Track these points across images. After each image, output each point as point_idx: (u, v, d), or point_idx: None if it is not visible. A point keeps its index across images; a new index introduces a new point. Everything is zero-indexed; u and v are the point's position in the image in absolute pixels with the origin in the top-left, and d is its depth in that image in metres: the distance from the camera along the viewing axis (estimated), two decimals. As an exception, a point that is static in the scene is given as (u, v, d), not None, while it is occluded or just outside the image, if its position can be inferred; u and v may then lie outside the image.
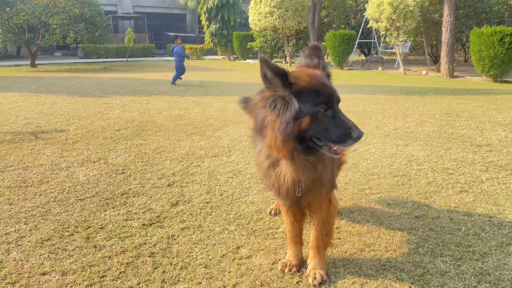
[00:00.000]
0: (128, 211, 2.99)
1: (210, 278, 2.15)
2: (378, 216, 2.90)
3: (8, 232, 2.64)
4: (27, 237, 2.58)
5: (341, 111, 1.77)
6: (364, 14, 17.28)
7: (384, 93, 9.67)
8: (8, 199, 3.21)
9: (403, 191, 3.39)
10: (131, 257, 2.35)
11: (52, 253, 2.39)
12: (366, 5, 16.50)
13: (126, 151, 4.58)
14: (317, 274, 2.10)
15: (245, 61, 24.50)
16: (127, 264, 2.28)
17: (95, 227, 2.73)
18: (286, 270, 2.19)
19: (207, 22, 25.82)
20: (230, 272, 2.20)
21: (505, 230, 2.67)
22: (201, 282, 2.11)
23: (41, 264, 2.27)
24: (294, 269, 2.20)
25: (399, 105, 7.79)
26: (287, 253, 2.31)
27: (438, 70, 14.65)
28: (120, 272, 2.20)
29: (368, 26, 16.62)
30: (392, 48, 18.80)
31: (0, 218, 2.85)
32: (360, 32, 19.19)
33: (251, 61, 24.07)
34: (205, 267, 2.26)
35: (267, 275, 2.17)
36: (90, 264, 2.28)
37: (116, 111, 7.09)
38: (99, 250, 2.42)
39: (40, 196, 3.28)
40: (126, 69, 17.66)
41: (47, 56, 28.29)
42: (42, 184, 3.55)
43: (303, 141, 1.74)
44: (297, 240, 2.28)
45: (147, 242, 2.53)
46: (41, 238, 2.56)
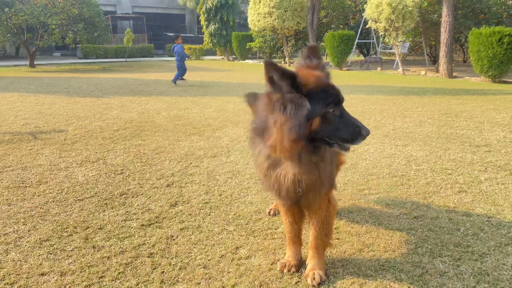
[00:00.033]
0: (127, 212, 2.99)
1: (209, 279, 2.15)
2: (377, 217, 2.90)
3: (6, 233, 2.64)
4: (26, 237, 2.58)
5: (346, 110, 1.80)
6: (363, 14, 17.31)
7: (383, 93, 9.68)
8: (7, 199, 3.20)
9: (402, 191, 3.39)
10: (130, 257, 2.35)
11: (51, 254, 2.38)
12: (365, 6, 16.53)
13: (125, 152, 4.58)
14: (316, 274, 2.10)
15: (244, 62, 24.49)
16: (126, 264, 2.28)
17: (94, 227, 2.73)
18: (285, 271, 2.19)
19: (206, 23, 25.80)
20: (229, 272, 2.20)
21: (504, 230, 2.67)
22: (200, 283, 2.11)
23: (39, 264, 2.27)
24: (293, 269, 2.20)
25: (398, 105, 7.80)
26: (286, 254, 2.31)
27: (437, 71, 14.67)
28: (119, 273, 2.20)
29: (367, 26, 16.66)
30: (391, 49, 18.83)
31: (-2, 219, 2.85)
32: (359, 32, 19.21)
33: (250, 62, 24.07)
34: (204, 267, 2.26)
35: (266, 275, 2.17)
36: (89, 264, 2.28)
37: (115, 112, 7.08)
38: (98, 251, 2.42)
39: (38, 196, 3.27)
40: (125, 70, 17.65)
41: (46, 57, 28.23)
42: (40, 184, 3.54)
43: (312, 142, 1.76)
44: (296, 240, 2.28)
45: (146, 242, 2.53)
46: (39, 239, 2.56)
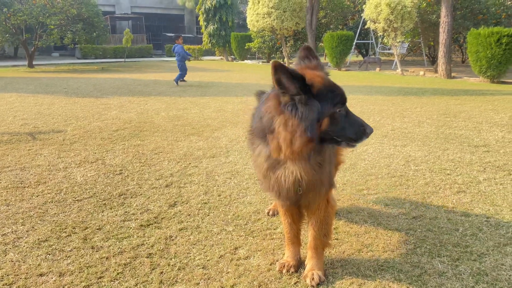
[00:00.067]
0: (126, 212, 2.98)
1: (208, 279, 2.15)
2: (376, 217, 2.90)
3: (5, 233, 2.63)
4: (24, 238, 2.57)
5: (349, 110, 1.83)
6: (362, 15, 17.34)
7: (381, 93, 9.69)
8: (5, 200, 3.20)
9: (400, 191, 3.40)
10: (128, 258, 2.35)
11: (50, 254, 2.38)
12: (363, 6, 16.55)
13: (124, 152, 4.57)
14: (315, 274, 2.10)
15: (243, 62, 24.50)
16: (125, 265, 2.27)
17: (92, 228, 2.73)
18: (284, 271, 2.19)
19: (205, 23, 25.80)
20: (228, 273, 2.20)
21: (503, 230, 2.67)
22: (199, 283, 2.11)
23: (38, 265, 2.26)
24: (292, 269, 2.20)
25: (396, 105, 7.81)
26: (285, 254, 2.31)
27: (436, 71, 14.70)
28: (118, 273, 2.19)
29: (365, 27, 16.69)
30: (389, 49, 18.84)
31: (-3, 219, 2.84)
32: (357, 33, 19.23)
33: (249, 62, 24.08)
34: (203, 268, 2.25)
35: (265, 275, 2.17)
36: (87, 265, 2.27)
37: (113, 112, 7.07)
38: (97, 251, 2.42)
39: (37, 197, 3.27)
40: (123, 70, 17.63)
41: (44, 57, 28.17)
42: (39, 185, 3.53)
43: (322, 142, 1.78)
44: (295, 240, 2.28)
45: (145, 243, 2.53)
46: (38, 239, 2.55)
